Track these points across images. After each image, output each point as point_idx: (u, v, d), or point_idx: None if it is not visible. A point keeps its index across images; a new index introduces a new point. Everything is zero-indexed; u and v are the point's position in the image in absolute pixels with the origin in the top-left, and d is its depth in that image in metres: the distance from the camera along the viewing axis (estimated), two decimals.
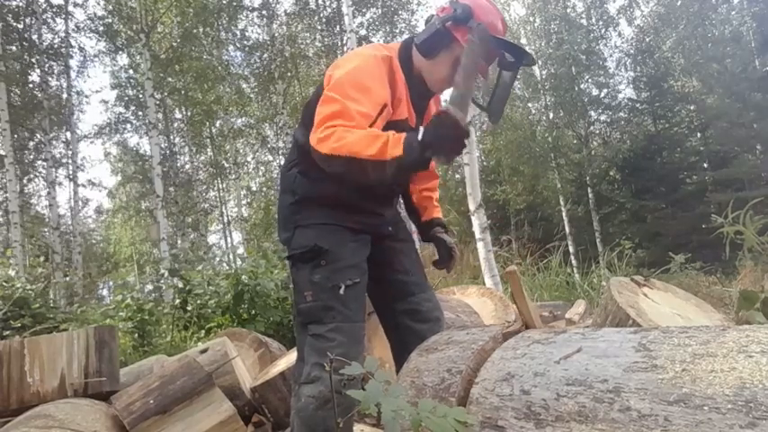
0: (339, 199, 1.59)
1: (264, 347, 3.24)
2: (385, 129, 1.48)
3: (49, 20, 13.69)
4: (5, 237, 13.97)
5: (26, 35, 12.87)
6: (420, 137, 1.32)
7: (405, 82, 1.58)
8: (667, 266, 5.42)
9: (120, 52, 14.99)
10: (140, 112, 15.61)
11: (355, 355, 1.48)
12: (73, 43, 14.20)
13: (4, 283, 5.28)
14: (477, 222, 6.15)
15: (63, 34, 13.92)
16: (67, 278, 12.69)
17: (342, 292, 1.52)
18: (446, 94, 1.72)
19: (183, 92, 15.81)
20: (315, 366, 1.49)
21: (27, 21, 12.90)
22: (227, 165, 18.53)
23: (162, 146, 15.42)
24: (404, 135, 1.35)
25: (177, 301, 5.30)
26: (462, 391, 1.10)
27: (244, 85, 17.03)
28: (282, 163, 1.69)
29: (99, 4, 13.59)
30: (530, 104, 19.45)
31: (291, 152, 1.72)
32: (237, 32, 15.83)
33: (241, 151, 19.83)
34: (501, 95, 1.67)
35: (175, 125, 18.05)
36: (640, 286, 1.99)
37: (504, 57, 1.62)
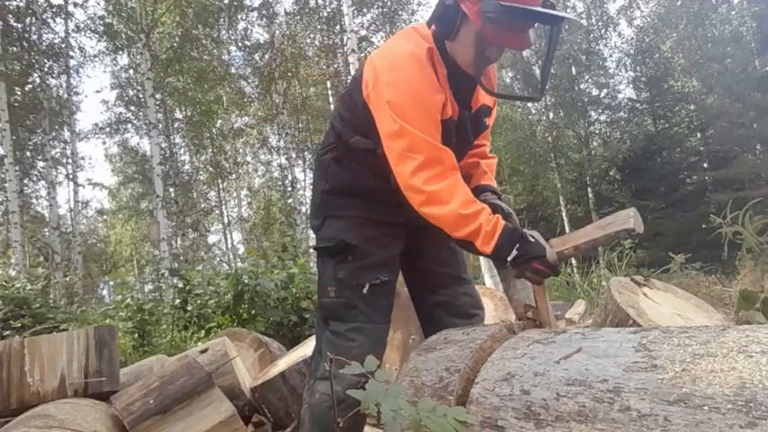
0: (373, 191, 1.52)
1: (264, 347, 3.24)
2: None
3: (49, 20, 13.70)
4: (5, 237, 13.98)
5: (26, 35, 12.86)
6: (514, 254, 1.30)
7: (446, 74, 1.42)
8: (667, 266, 5.41)
9: (121, 52, 15.01)
10: (141, 112, 15.63)
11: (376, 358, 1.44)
12: (73, 43, 14.23)
13: (4, 283, 5.28)
14: None
15: (63, 34, 13.93)
16: (67, 278, 12.69)
17: (365, 291, 1.46)
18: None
19: (183, 92, 15.82)
20: (334, 363, 1.46)
21: (27, 21, 12.90)
22: (227, 165, 18.55)
23: (162, 146, 15.43)
24: (498, 231, 1.31)
25: (177, 301, 5.30)
26: (461, 389, 1.10)
27: (244, 86, 17.06)
28: (321, 155, 1.61)
29: (99, 4, 13.58)
30: (530, 104, 19.45)
31: (328, 136, 1.62)
32: (238, 32, 15.85)
33: (241, 151, 19.86)
34: (546, 69, 1.49)
35: (175, 125, 18.06)
36: (640, 286, 1.99)
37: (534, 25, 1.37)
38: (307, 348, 2.68)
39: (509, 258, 1.31)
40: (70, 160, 15.09)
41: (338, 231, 1.51)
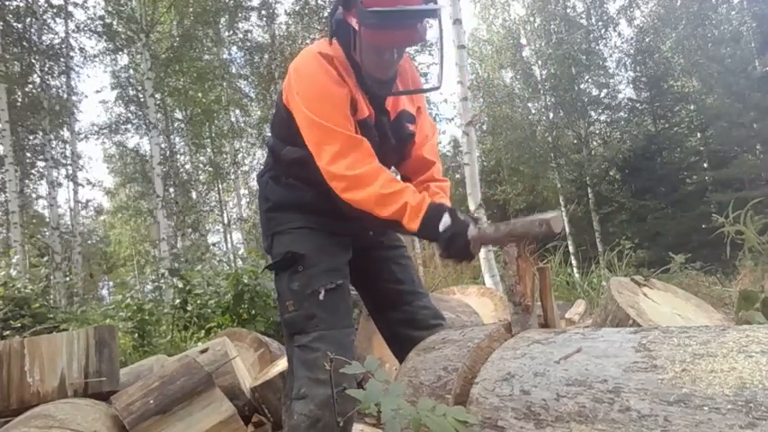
0: (313, 204, 1.56)
1: (264, 347, 3.24)
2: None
3: (49, 20, 13.68)
4: (5, 237, 13.98)
5: (26, 35, 12.86)
6: (440, 230, 1.33)
7: (354, 79, 1.50)
8: (667, 266, 5.42)
9: (120, 52, 15.00)
10: (140, 112, 15.62)
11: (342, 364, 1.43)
12: (73, 44, 14.21)
13: (6, 283, 5.28)
14: None
15: (63, 35, 13.92)
16: (67, 278, 12.69)
17: (321, 297, 1.47)
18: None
19: (183, 92, 15.81)
20: (304, 381, 1.45)
21: (27, 21, 12.89)
22: (226, 165, 18.54)
23: (162, 146, 15.42)
24: (424, 208, 1.36)
25: (177, 301, 5.30)
26: (459, 388, 1.10)
27: (244, 85, 17.04)
28: (260, 177, 1.72)
29: (99, 4, 13.55)
30: (530, 104, 19.45)
31: (267, 159, 1.71)
32: (238, 32, 15.84)
33: (241, 151, 19.85)
34: (440, 60, 1.57)
35: (175, 125, 18.05)
36: (640, 286, 1.99)
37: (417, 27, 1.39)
38: None
39: (441, 229, 1.33)
40: (70, 160, 15.09)
41: (286, 245, 1.54)
